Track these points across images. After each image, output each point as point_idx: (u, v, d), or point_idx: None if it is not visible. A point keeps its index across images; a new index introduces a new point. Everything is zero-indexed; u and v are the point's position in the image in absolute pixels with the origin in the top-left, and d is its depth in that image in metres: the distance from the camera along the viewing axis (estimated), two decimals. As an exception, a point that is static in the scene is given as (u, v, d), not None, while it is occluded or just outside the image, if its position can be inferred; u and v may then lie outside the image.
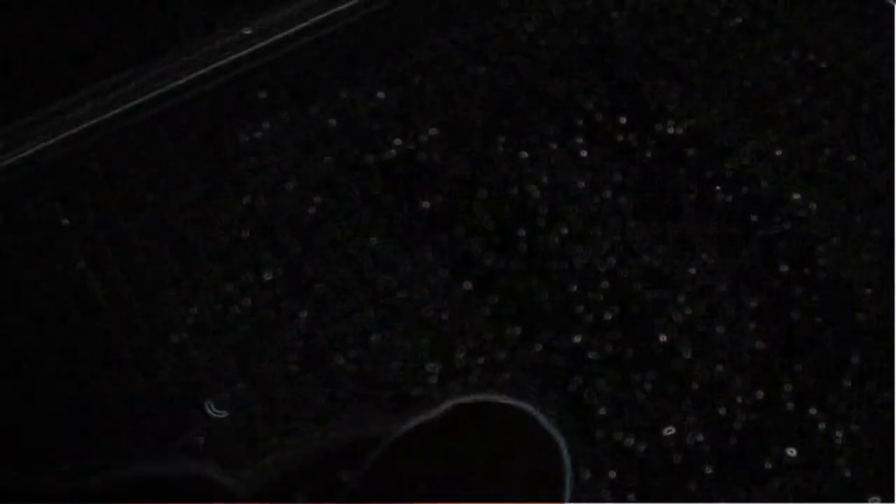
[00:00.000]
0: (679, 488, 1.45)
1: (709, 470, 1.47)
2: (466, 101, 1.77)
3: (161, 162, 1.72)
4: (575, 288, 1.59)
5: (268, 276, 1.61)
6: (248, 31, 1.86)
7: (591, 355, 1.54)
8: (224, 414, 1.51)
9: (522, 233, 1.64)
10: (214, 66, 1.82)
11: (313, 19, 1.87)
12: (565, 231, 1.64)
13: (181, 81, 1.81)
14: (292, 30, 1.87)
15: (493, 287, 1.60)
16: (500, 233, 1.64)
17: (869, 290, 1.60)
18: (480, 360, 1.53)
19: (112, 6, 1.87)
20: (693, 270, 1.61)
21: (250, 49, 1.84)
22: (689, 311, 1.57)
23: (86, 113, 1.78)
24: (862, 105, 1.75)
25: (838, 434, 1.49)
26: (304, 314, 1.57)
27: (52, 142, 1.75)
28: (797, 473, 1.47)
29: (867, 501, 1.45)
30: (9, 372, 1.55)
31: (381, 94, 1.79)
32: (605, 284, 1.59)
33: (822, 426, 1.50)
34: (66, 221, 1.67)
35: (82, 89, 1.80)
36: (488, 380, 1.52)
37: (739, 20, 1.82)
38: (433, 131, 1.74)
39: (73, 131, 1.76)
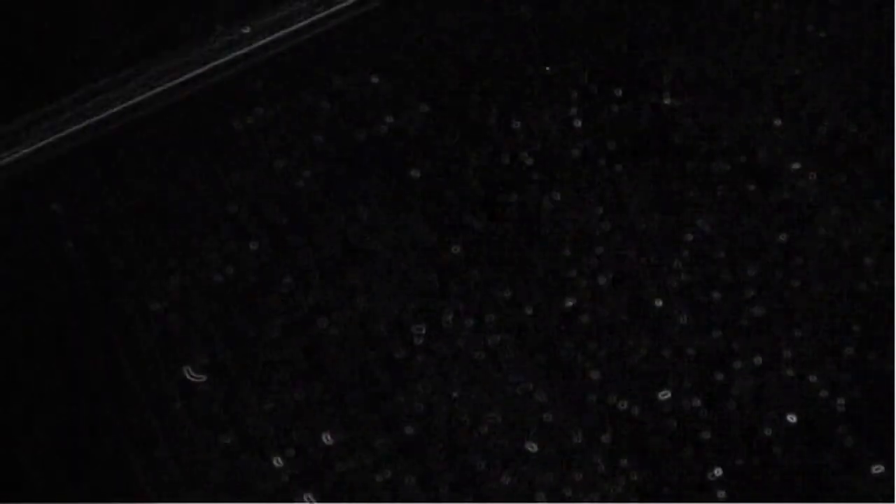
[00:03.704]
0: (675, 453, 1.40)
1: (706, 435, 1.41)
2: (460, 78, 1.74)
3: (158, 156, 1.69)
4: (568, 252, 1.54)
5: (253, 246, 1.57)
6: (247, 30, 1.83)
7: (583, 319, 1.49)
8: (203, 378, 1.46)
9: (514, 198, 1.59)
10: (214, 64, 1.80)
11: (312, 18, 1.85)
12: (558, 197, 1.59)
13: (180, 80, 1.79)
14: (291, 28, 1.84)
15: (483, 251, 1.55)
16: (490, 198, 1.60)
17: (869, 260, 1.55)
18: (468, 323, 1.48)
19: (112, 6, 1.85)
20: (689, 237, 1.56)
21: (249, 47, 1.82)
22: (684, 277, 1.52)
23: (86, 112, 1.76)
24: (862, 75, 1.71)
25: (840, 401, 1.44)
26: (288, 279, 1.53)
27: (51, 141, 1.73)
28: (797, 440, 1.42)
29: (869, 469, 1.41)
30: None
31: (374, 79, 1.75)
32: (598, 249, 1.55)
33: (823, 393, 1.45)
34: (56, 207, 1.63)
35: (82, 88, 1.78)
36: (476, 342, 1.47)
37: (738, -7, 1.80)
38: (425, 108, 1.71)
39: (73, 130, 1.74)
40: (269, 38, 1.83)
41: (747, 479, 1.40)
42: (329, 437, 1.40)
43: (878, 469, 1.41)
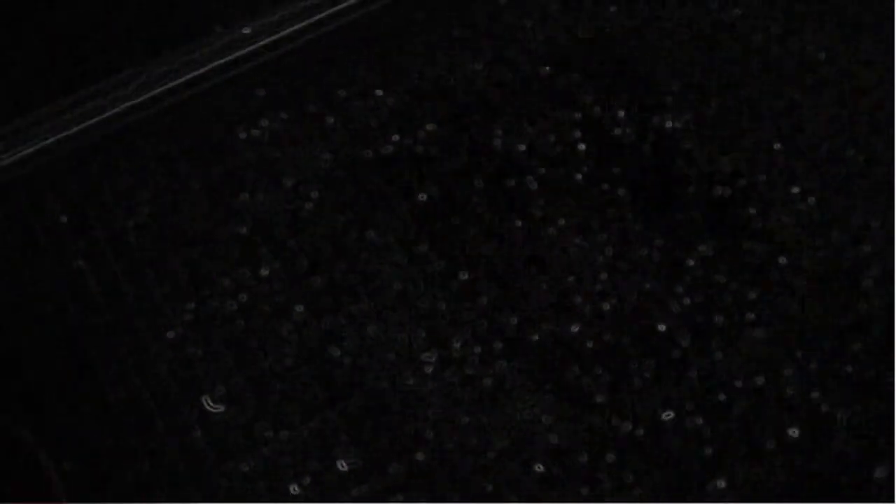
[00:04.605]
0: (678, 468, 1.44)
1: (709, 451, 1.45)
2: (464, 96, 1.77)
3: (160, 160, 1.72)
4: (572, 279, 1.58)
5: (264, 272, 1.61)
6: (247, 31, 1.86)
7: (588, 344, 1.53)
8: (221, 408, 1.49)
9: (519, 223, 1.63)
10: (214, 65, 1.82)
11: (312, 19, 1.88)
12: (562, 222, 1.63)
13: (181, 80, 1.82)
14: (291, 29, 1.87)
15: (490, 277, 1.59)
16: (496, 224, 1.63)
17: (868, 281, 1.59)
18: (476, 350, 1.52)
19: (112, 6, 1.87)
20: (691, 262, 1.60)
21: (249, 48, 1.84)
22: (687, 302, 1.56)
23: (86, 112, 1.78)
24: (861, 99, 1.74)
25: (840, 416, 1.48)
26: (300, 308, 1.57)
27: (51, 141, 1.76)
28: (799, 452, 1.46)
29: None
30: (7, 366, 1.55)
31: (378, 92, 1.79)
32: (602, 276, 1.58)
33: (824, 408, 1.49)
34: (64, 219, 1.67)
35: (82, 89, 1.80)
36: (484, 369, 1.51)
37: (738, 12, 1.82)
38: (431, 126, 1.74)
39: (73, 131, 1.77)
40: (269, 39, 1.86)
41: (749, 489, 1.44)
42: (344, 465, 1.44)
43: (879, 477, 1.45)
